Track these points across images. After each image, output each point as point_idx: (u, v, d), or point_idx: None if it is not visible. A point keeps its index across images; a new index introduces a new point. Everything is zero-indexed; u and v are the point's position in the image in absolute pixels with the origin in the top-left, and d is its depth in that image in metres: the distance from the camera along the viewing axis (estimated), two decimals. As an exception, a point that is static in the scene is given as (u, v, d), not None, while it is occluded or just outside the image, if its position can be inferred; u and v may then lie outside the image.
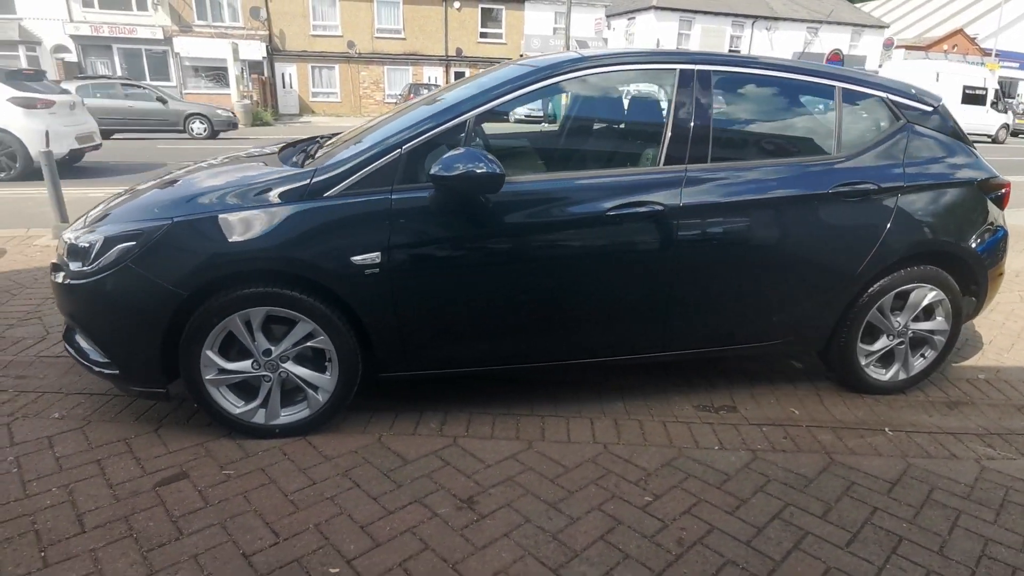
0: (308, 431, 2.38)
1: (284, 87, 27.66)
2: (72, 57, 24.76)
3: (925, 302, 2.74)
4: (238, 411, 2.31)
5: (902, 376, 2.87)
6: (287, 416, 2.36)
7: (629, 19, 32.31)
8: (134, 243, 2.12)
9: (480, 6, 28.79)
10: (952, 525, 2.00)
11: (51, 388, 2.68)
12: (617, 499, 2.06)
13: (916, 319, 2.80)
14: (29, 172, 8.06)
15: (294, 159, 2.55)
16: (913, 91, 2.73)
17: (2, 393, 2.62)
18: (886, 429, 2.60)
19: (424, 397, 2.70)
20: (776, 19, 32.57)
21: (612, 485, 2.14)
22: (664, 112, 2.45)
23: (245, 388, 2.34)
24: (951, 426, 2.65)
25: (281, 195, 2.19)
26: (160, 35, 25.21)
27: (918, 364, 2.88)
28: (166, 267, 2.11)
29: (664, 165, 2.40)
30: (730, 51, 31.83)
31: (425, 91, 17.95)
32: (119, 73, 24.53)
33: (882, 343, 2.80)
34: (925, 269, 2.68)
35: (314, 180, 2.20)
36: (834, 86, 2.61)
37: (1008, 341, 3.60)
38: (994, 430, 2.63)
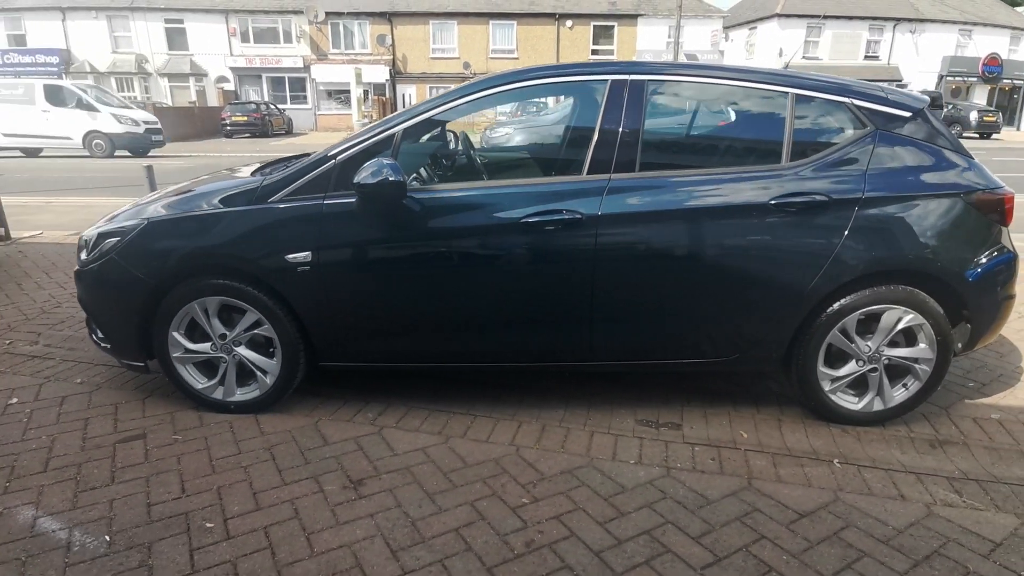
0: (259, 410, 2.68)
1: (403, 107, 29.70)
2: (230, 86, 28.41)
3: (900, 326, 2.48)
4: (200, 387, 2.65)
5: (878, 407, 2.61)
6: (241, 395, 2.67)
7: (751, 29, 30.88)
8: (119, 239, 2.55)
9: (592, 24, 29.05)
10: (844, 567, 1.82)
11: (86, 359, 3.22)
12: (495, 498, 2.11)
13: (893, 345, 2.54)
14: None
15: (263, 171, 2.89)
16: (889, 96, 2.50)
17: (50, 360, 3.20)
18: (835, 461, 2.39)
19: (378, 389, 2.90)
20: (922, 21, 29.48)
21: (498, 485, 2.19)
22: (593, 122, 2.47)
23: (211, 367, 2.68)
24: (921, 466, 2.37)
25: (234, 200, 2.51)
26: (300, 63, 28.21)
27: (899, 395, 2.60)
28: (139, 259, 2.50)
29: (588, 174, 2.42)
30: (865, 56, 29.35)
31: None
32: (266, 98, 27.72)
33: (849, 368, 2.56)
34: (896, 289, 2.44)
35: (261, 187, 2.50)
36: (787, 92, 2.47)
37: (1056, 380, 3.10)
38: (975, 476, 2.31)
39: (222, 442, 2.45)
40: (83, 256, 2.66)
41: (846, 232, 2.37)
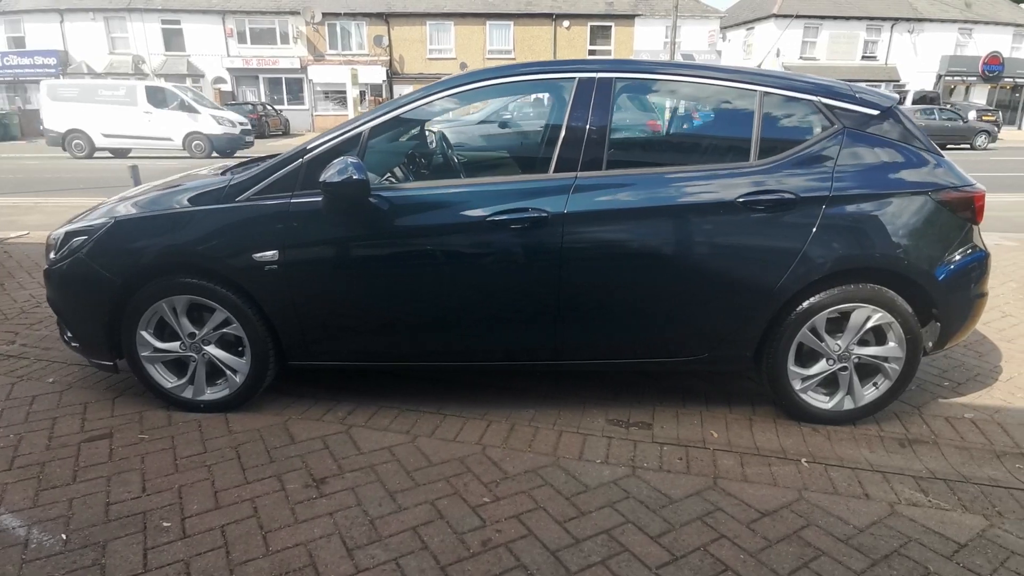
0: (229, 409, 2.67)
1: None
2: (227, 87, 28.41)
3: (869, 324, 2.47)
4: (169, 386, 2.65)
5: (849, 405, 2.60)
6: (211, 394, 2.66)
7: (748, 29, 30.87)
8: (86, 237, 2.54)
9: (589, 24, 29.04)
10: (800, 566, 1.81)
11: (60, 359, 3.21)
12: (456, 496, 2.11)
13: (863, 343, 2.53)
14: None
15: (233, 171, 2.88)
16: (857, 94, 2.49)
17: (24, 359, 3.20)
18: (803, 460, 2.38)
19: (350, 388, 2.89)
20: (920, 20, 29.47)
21: (461, 483, 2.18)
22: (561, 121, 2.46)
23: (181, 366, 2.67)
24: (889, 465, 2.36)
25: (201, 199, 2.50)
26: (297, 64, 28.20)
27: (869, 394, 2.59)
28: (106, 258, 2.50)
29: (555, 172, 2.42)
30: (863, 56, 29.36)
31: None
32: (263, 99, 27.74)
33: (820, 367, 2.56)
34: (864, 288, 2.43)
35: (229, 186, 2.49)
36: (755, 91, 2.46)
37: (1033, 380, 3.09)
38: (943, 475, 2.30)
39: (188, 441, 2.44)
40: (51, 256, 2.65)
41: (814, 230, 2.36)
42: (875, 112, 2.46)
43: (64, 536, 1.87)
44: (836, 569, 1.80)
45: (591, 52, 29.10)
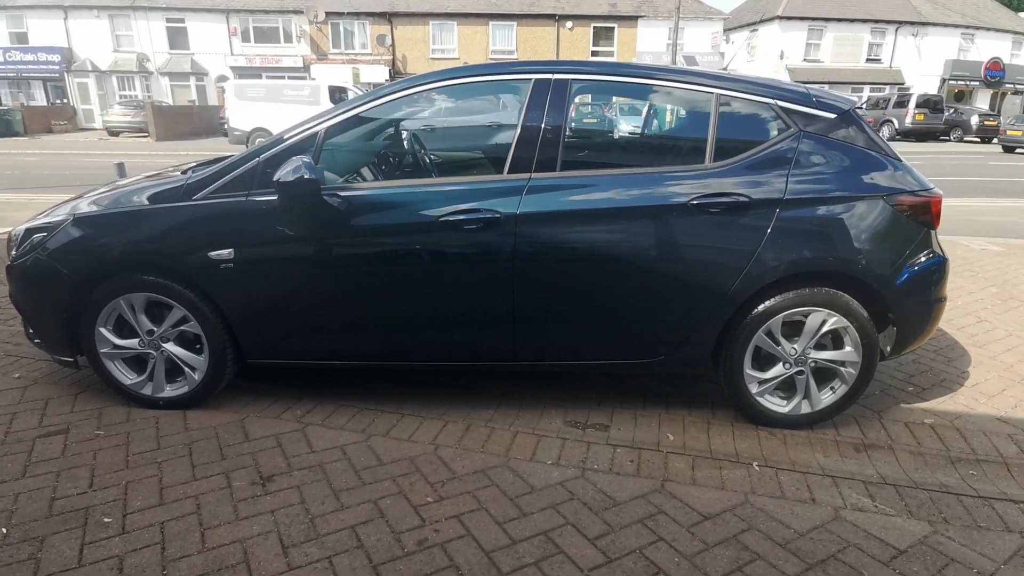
0: (189, 406, 2.68)
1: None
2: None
3: (825, 328, 2.46)
4: (129, 382, 2.66)
5: (806, 410, 2.59)
6: (171, 391, 2.67)
7: (751, 31, 30.80)
8: (45, 234, 2.56)
9: (593, 25, 29.03)
10: (734, 570, 1.81)
11: (30, 355, 3.23)
12: (399, 496, 2.11)
13: (820, 347, 2.52)
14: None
15: (192, 169, 2.89)
16: (814, 97, 2.48)
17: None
18: (754, 464, 2.38)
19: (312, 386, 2.90)
20: (924, 24, 29.34)
21: (407, 483, 2.19)
22: (516, 122, 2.46)
23: (141, 363, 2.69)
24: (840, 470, 2.35)
25: (159, 197, 2.52)
26: (300, 63, 28.28)
27: (826, 398, 2.58)
28: (64, 255, 2.51)
29: (509, 173, 2.42)
30: (867, 59, 29.26)
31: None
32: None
33: (777, 371, 2.55)
34: (819, 292, 2.42)
35: (186, 184, 2.51)
36: (711, 93, 2.46)
37: (1000, 385, 3.07)
38: (894, 481, 2.29)
39: (143, 438, 2.45)
40: (12, 252, 2.67)
41: (767, 233, 2.36)
42: (832, 116, 2.45)
43: (4, 530, 1.89)
44: (769, 573, 1.80)
45: (594, 53, 29.10)
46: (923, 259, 2.48)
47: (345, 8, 28.19)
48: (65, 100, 28.36)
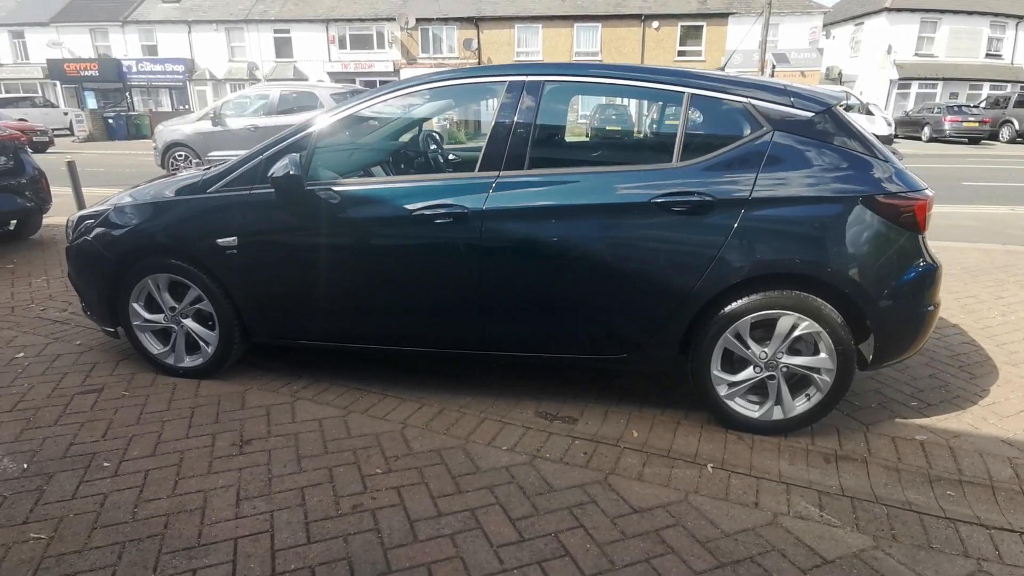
0: (203, 376, 3.02)
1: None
2: (327, 90, 30.32)
3: (796, 333, 2.40)
4: (156, 352, 3.04)
5: (778, 416, 2.52)
6: (189, 362, 3.02)
7: (856, 24, 28.75)
8: (93, 221, 2.98)
9: (680, 24, 28.29)
10: (639, 560, 1.84)
11: (91, 327, 3.73)
12: (353, 465, 2.30)
13: (795, 352, 2.46)
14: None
15: (213, 165, 3.22)
16: (792, 95, 2.41)
17: (66, 325, 3.74)
18: (709, 465, 2.36)
19: (315, 366, 3.16)
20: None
21: (365, 455, 2.37)
22: (489, 122, 2.58)
23: (167, 336, 3.06)
24: (799, 478, 2.28)
25: (180, 191, 2.86)
26: (391, 67, 29.63)
27: (800, 405, 2.50)
28: (105, 239, 2.92)
29: (480, 171, 2.54)
30: (986, 54, 26.50)
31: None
32: (358, 101, 29.35)
33: (747, 374, 2.50)
34: (789, 295, 2.36)
35: (203, 179, 2.83)
36: (683, 92, 2.46)
37: (1019, 406, 2.81)
38: (853, 493, 2.20)
39: (159, 400, 2.80)
40: (70, 236, 3.13)
41: (731, 233, 2.33)
42: (808, 114, 2.38)
43: (25, 465, 2.26)
44: (675, 567, 1.81)
45: (680, 53, 28.36)
46: (906, 265, 2.35)
47: (435, 14, 29.21)
48: (186, 106, 31.35)
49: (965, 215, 8.06)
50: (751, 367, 2.50)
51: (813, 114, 2.38)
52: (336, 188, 2.63)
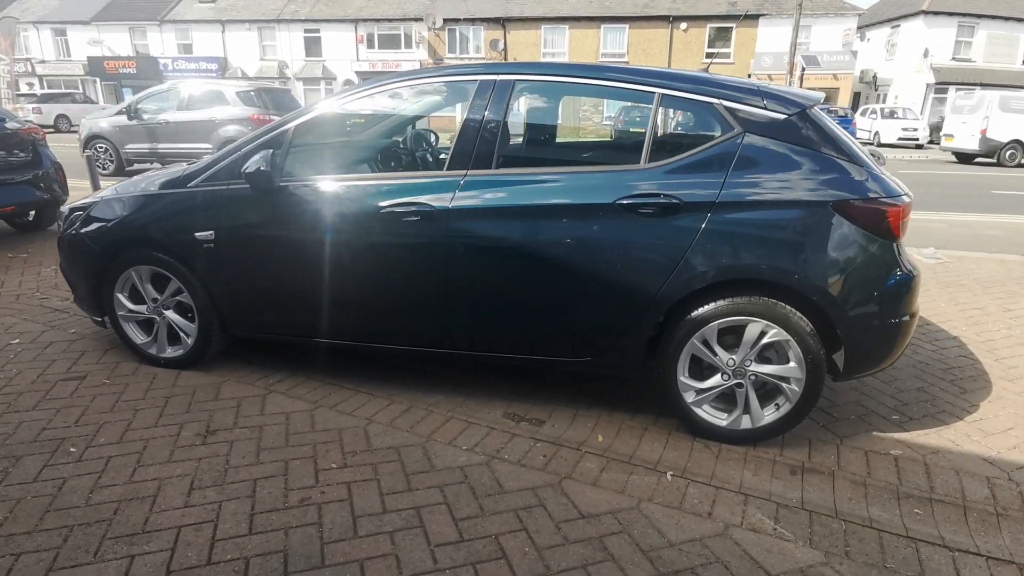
0: (184, 366, 3.07)
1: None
2: (354, 89, 30.73)
3: (765, 340, 2.34)
4: (140, 342, 3.11)
5: (746, 425, 2.46)
6: (171, 352, 3.08)
7: (892, 27, 27.99)
8: (80, 213, 3.07)
9: (709, 25, 27.94)
10: (576, 567, 1.81)
11: (87, 316, 3.84)
12: (310, 459, 2.31)
13: (765, 361, 2.40)
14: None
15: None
16: (765, 96, 2.35)
17: (65, 313, 3.86)
18: (668, 473, 2.31)
19: (294, 360, 3.20)
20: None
21: (324, 450, 2.38)
22: (460, 121, 2.58)
23: (150, 326, 3.12)
24: (760, 490, 2.22)
25: (163, 184, 2.92)
26: (417, 67, 29.85)
27: (769, 415, 2.44)
28: (91, 231, 3.00)
29: (448, 170, 2.54)
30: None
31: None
32: (384, 101, 29.70)
33: (715, 381, 2.45)
34: (756, 301, 2.30)
35: (184, 174, 2.89)
36: (653, 92, 2.41)
37: (1008, 423, 2.70)
38: (813, 507, 2.13)
39: (136, 389, 2.86)
40: (60, 227, 3.22)
41: (696, 237, 2.29)
42: (781, 116, 2.32)
43: (-4, 448, 2.34)
44: (611, 574, 1.78)
45: (708, 55, 27.97)
46: (879, 273, 2.27)
47: (462, 15, 29.38)
48: (218, 103, 32.09)
49: (990, 224, 7.79)
50: (719, 374, 2.44)
51: (786, 116, 2.32)
52: (308, 184, 2.66)
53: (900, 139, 22.23)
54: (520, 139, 2.57)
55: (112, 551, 1.81)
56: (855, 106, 28.02)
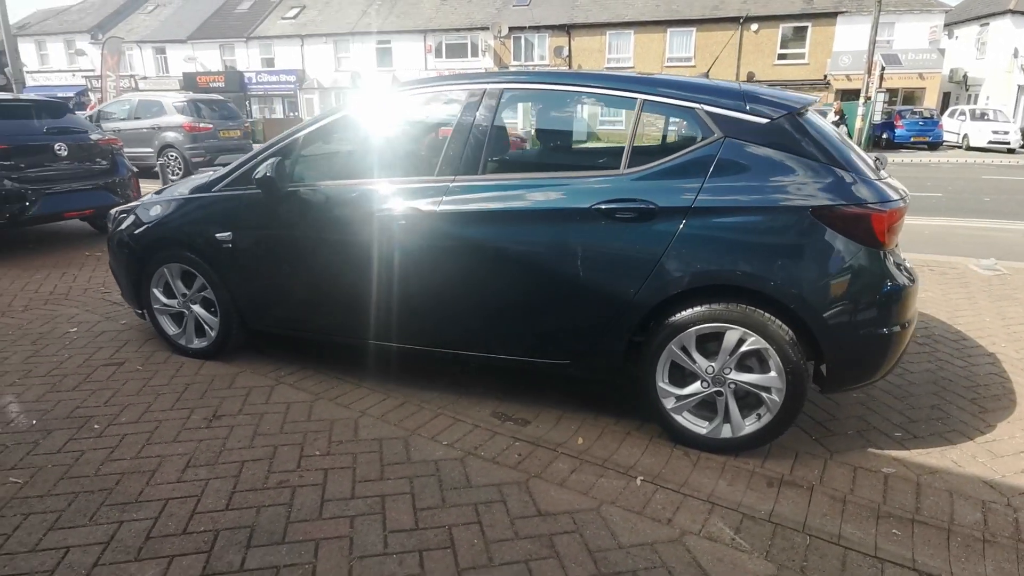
0: (209, 357, 3.34)
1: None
2: (422, 97, 31.64)
3: (744, 348, 2.30)
4: (172, 333, 3.41)
5: (727, 434, 2.42)
6: (197, 343, 3.36)
7: (981, 25, 25.92)
8: (125, 215, 3.40)
9: (782, 25, 26.87)
10: (518, 561, 1.86)
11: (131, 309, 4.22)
12: (298, 446, 2.47)
13: (746, 369, 2.35)
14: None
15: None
16: (748, 101, 2.31)
17: (122, 306, 4.26)
18: (639, 479, 2.31)
19: (309, 354, 3.40)
20: None
21: (313, 438, 2.54)
22: (450, 128, 2.68)
23: (182, 319, 3.41)
24: (730, 500, 2.19)
25: (192, 189, 3.20)
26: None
27: (750, 425, 2.39)
28: (133, 231, 3.32)
29: (438, 175, 2.65)
30: None
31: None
32: (449, 108, 30.48)
33: (695, 388, 2.43)
34: (733, 308, 2.27)
35: (210, 179, 3.15)
36: (635, 98, 2.43)
37: (1022, 446, 2.50)
38: (781, 520, 2.08)
39: (164, 376, 3.14)
40: (109, 228, 3.58)
41: (671, 242, 2.28)
42: (762, 121, 2.28)
43: (34, 421, 2.64)
44: (551, 572, 1.82)
45: (780, 56, 26.95)
46: (863, 282, 2.18)
47: (527, 22, 29.68)
48: (296, 113, 33.91)
49: (1076, 234, 7.10)
50: (699, 381, 2.42)
51: (768, 120, 2.28)
52: (312, 189, 2.85)
53: (990, 142, 20.50)
54: (506, 145, 2.65)
55: (106, 516, 2.02)
56: (944, 107, 26.13)
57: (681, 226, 2.27)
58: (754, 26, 27.05)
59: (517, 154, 2.72)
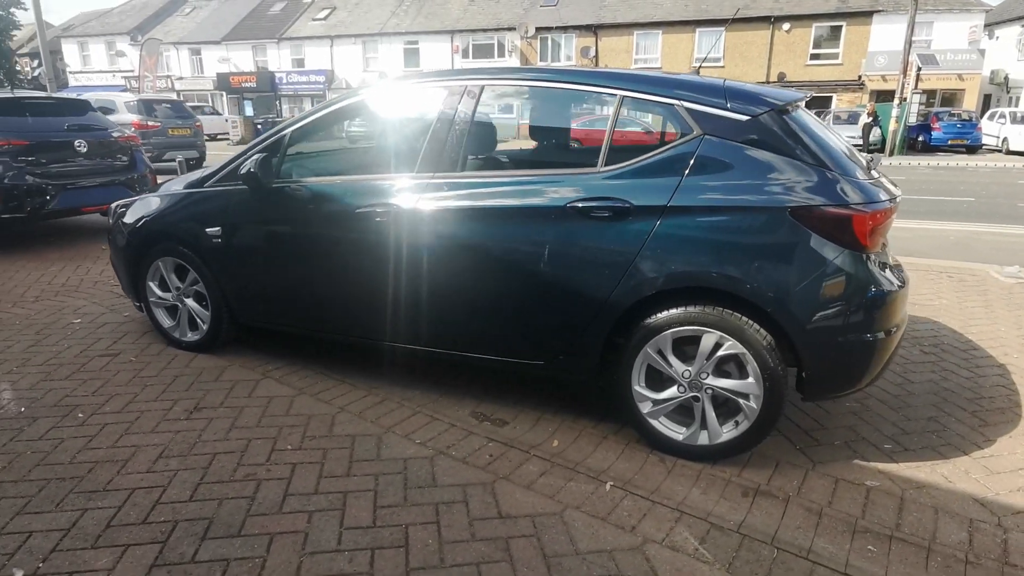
0: (201, 349, 3.39)
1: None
2: (448, 98, 31.79)
3: (721, 353, 2.23)
4: (167, 326, 3.47)
5: (704, 441, 2.35)
6: (191, 336, 3.41)
7: (1023, 25, 24.92)
8: (124, 210, 3.47)
9: (815, 25, 26.27)
10: (469, 563, 1.82)
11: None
12: (271, 440, 2.48)
13: (724, 375, 2.28)
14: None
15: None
16: (729, 98, 2.24)
17: (127, 299, 4.35)
18: (608, 484, 2.25)
19: (299, 350, 3.43)
20: None
21: (288, 432, 2.55)
22: (430, 126, 2.65)
23: (176, 312, 3.47)
24: (700, 509, 2.12)
25: (186, 185, 3.25)
26: (508, 77, 30.43)
27: (727, 432, 2.31)
28: (130, 226, 3.39)
29: (417, 172, 2.63)
30: None
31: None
32: (475, 109, 30.49)
33: (671, 393, 2.36)
34: (709, 311, 2.20)
35: (203, 175, 3.20)
36: (615, 94, 2.37)
37: (1021, 462, 2.36)
38: (749, 531, 2.00)
39: (155, 367, 3.20)
40: (110, 223, 3.66)
41: (646, 242, 2.22)
42: (744, 118, 2.20)
43: (23, 408, 2.70)
44: (502, 574, 1.78)
45: (813, 56, 26.35)
46: (844, 286, 2.09)
47: (554, 22, 29.60)
48: (325, 113, 34.40)
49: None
50: (675, 386, 2.35)
51: (750, 117, 2.20)
52: (296, 185, 2.86)
53: (1032, 146, 19.71)
54: (485, 143, 2.62)
55: (71, 503, 2.05)
56: (984, 109, 25.19)
57: (656, 226, 2.21)
58: (786, 25, 26.50)
59: (498, 152, 2.69)
